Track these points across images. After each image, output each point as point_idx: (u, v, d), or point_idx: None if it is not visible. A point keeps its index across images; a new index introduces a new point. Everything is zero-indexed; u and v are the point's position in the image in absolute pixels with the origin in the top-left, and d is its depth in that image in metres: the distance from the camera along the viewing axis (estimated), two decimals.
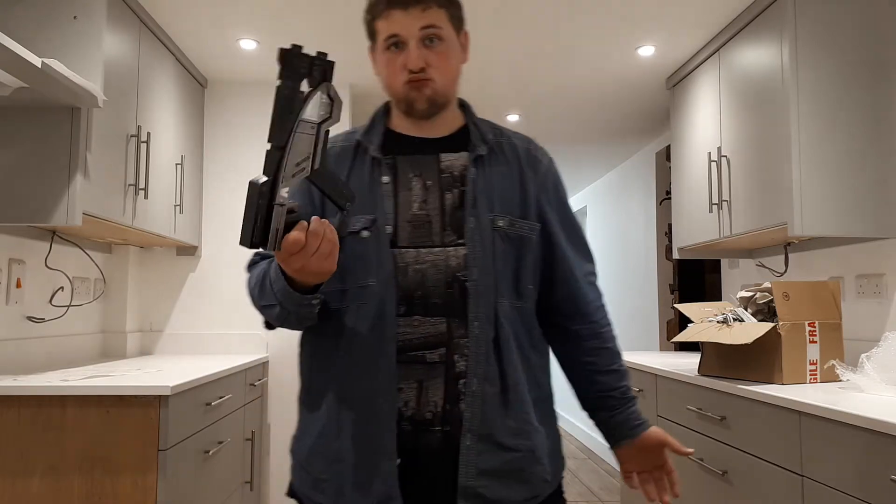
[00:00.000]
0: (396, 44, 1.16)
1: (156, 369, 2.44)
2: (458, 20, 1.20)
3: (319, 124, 0.95)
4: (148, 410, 1.99)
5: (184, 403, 2.14)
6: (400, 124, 1.24)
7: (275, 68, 3.20)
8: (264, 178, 0.91)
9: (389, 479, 1.08)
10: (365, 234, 1.14)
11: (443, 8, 1.16)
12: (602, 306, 1.30)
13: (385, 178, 1.17)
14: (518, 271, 1.19)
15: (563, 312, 1.27)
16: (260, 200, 0.90)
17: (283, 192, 0.92)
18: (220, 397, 2.52)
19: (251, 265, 1.27)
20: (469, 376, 1.11)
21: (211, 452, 2.39)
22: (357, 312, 1.13)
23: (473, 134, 1.23)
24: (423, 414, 1.11)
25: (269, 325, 1.23)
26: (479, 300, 1.13)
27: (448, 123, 1.24)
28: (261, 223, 0.91)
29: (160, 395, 2.00)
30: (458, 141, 1.22)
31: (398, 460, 1.09)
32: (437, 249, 1.14)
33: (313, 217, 0.97)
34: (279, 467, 3.26)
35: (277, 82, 0.95)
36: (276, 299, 1.09)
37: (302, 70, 0.96)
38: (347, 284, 1.15)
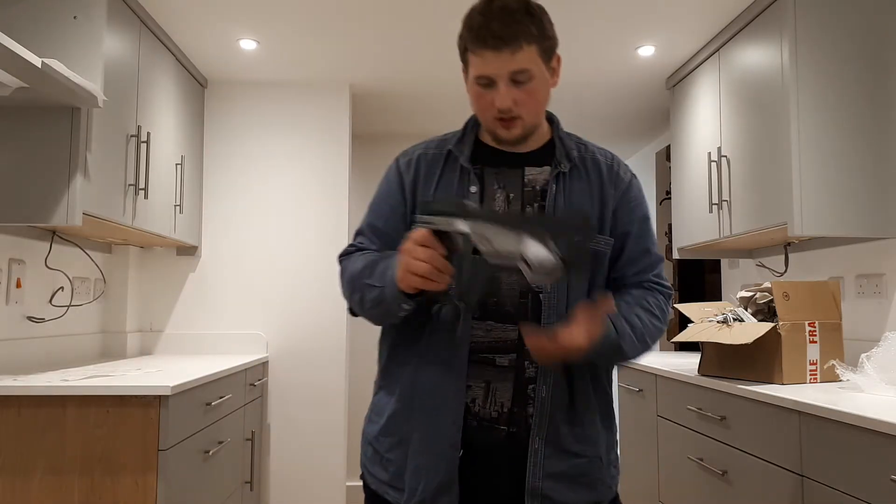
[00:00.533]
0: (486, 84, 1.19)
1: (156, 369, 2.44)
2: (549, 51, 1.22)
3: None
4: (148, 410, 1.99)
5: (184, 403, 2.14)
6: (489, 137, 1.30)
7: (275, 68, 3.20)
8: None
9: (451, 467, 1.17)
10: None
11: (533, 44, 1.17)
12: (662, 293, 1.31)
13: (473, 188, 1.24)
14: (591, 284, 1.24)
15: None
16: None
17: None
18: (220, 397, 2.52)
19: (344, 256, 1.33)
20: (539, 383, 1.19)
21: (211, 452, 2.39)
22: (438, 312, 1.21)
23: (558, 150, 1.28)
24: (489, 412, 1.20)
25: (353, 313, 1.30)
26: (552, 311, 1.19)
27: (535, 139, 1.29)
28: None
29: (160, 395, 2.00)
30: (543, 155, 1.28)
31: (461, 451, 1.17)
32: None
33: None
34: (279, 467, 3.26)
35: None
36: (383, 283, 1.16)
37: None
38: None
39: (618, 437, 1.32)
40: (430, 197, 1.26)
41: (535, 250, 0.95)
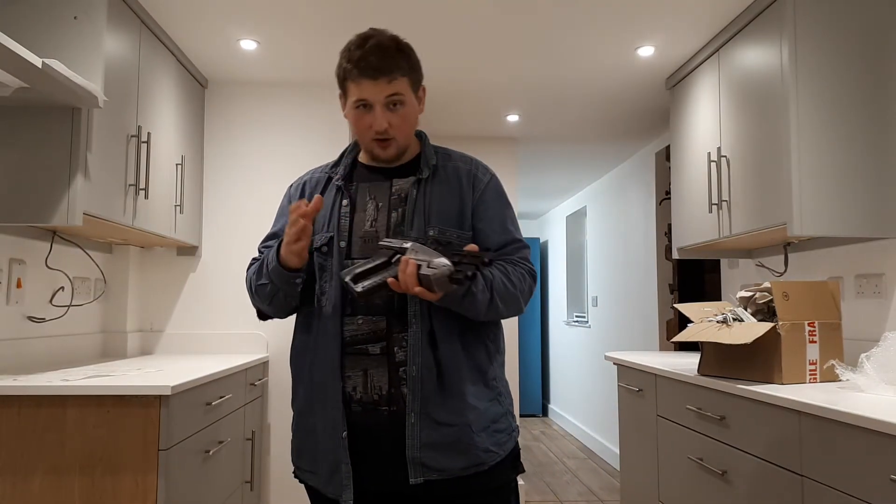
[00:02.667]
0: (364, 105, 1.39)
1: (156, 369, 2.44)
2: (417, 83, 1.44)
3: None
4: (148, 410, 2.00)
5: (184, 403, 2.14)
6: (365, 157, 1.51)
7: (275, 68, 3.20)
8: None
9: (337, 449, 1.36)
10: (324, 249, 1.42)
11: (406, 76, 1.40)
12: (523, 268, 1.45)
13: (345, 202, 1.45)
14: None
15: None
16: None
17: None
18: (221, 397, 2.52)
19: (250, 266, 1.54)
20: (409, 364, 1.35)
21: (211, 452, 2.39)
22: (319, 313, 1.41)
23: (421, 160, 1.48)
24: (371, 396, 1.36)
25: (262, 316, 1.52)
26: (413, 300, 1.36)
27: (406, 155, 1.49)
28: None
29: (160, 395, 2.00)
30: (410, 168, 1.48)
31: (344, 433, 1.35)
32: None
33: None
34: (279, 467, 3.26)
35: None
36: (269, 278, 1.40)
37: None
38: (314, 290, 1.43)
39: (510, 409, 1.46)
40: (321, 218, 1.48)
41: (441, 260, 1.22)
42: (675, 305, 2.43)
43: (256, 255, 1.55)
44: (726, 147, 2.69)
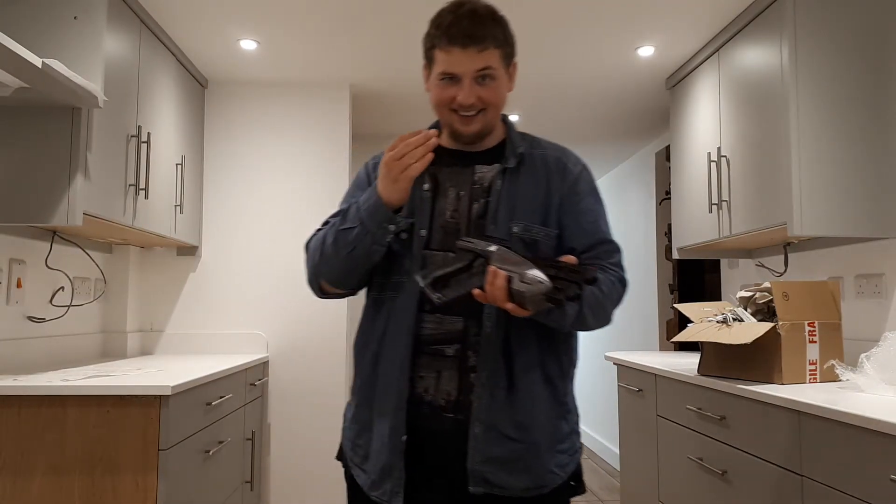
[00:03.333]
0: (451, 78, 1.27)
1: (156, 369, 2.44)
2: (509, 57, 1.32)
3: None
4: (148, 410, 2.00)
5: (184, 403, 2.14)
6: (446, 139, 1.38)
7: (275, 68, 3.20)
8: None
9: (394, 451, 1.25)
10: (403, 235, 1.29)
11: (498, 48, 1.27)
12: (616, 277, 1.33)
13: (426, 186, 1.32)
14: None
15: None
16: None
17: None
18: (221, 397, 2.52)
19: (312, 236, 1.39)
20: (479, 371, 1.25)
21: (211, 452, 2.39)
22: (392, 304, 1.29)
23: (507, 148, 1.35)
24: (439, 401, 1.26)
25: (323, 290, 1.37)
26: (492, 305, 1.23)
27: (490, 139, 1.36)
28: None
29: (160, 395, 2.00)
30: (494, 154, 1.35)
31: (404, 437, 1.24)
32: None
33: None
34: (279, 467, 3.26)
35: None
36: (360, 218, 1.24)
37: None
38: (388, 278, 1.31)
39: (576, 428, 1.34)
40: None
41: (534, 273, 1.09)
42: (675, 305, 2.43)
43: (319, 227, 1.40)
44: (726, 147, 2.69)
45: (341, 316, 3.31)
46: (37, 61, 1.77)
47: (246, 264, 3.31)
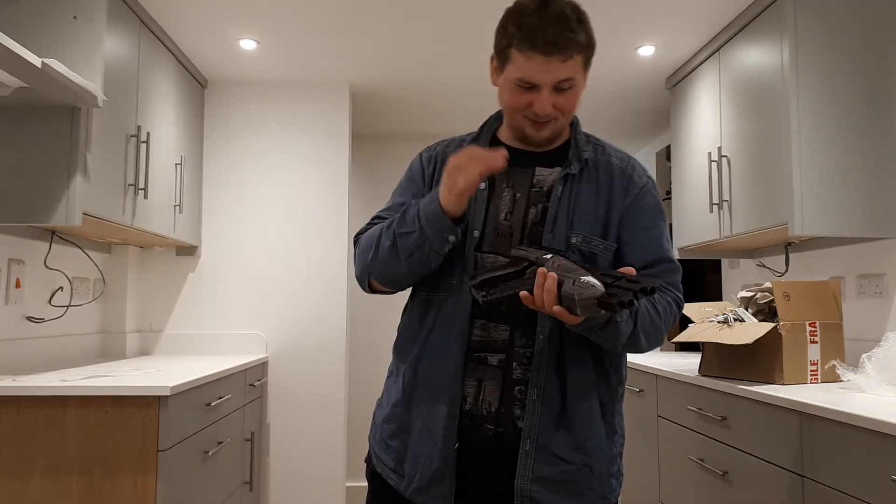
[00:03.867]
0: (529, 87, 1.19)
1: (155, 369, 2.44)
2: (590, 59, 1.23)
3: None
4: (147, 411, 1.99)
5: (183, 404, 2.13)
6: (507, 135, 1.31)
7: (275, 68, 3.20)
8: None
9: (446, 458, 1.19)
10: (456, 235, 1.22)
11: (581, 54, 1.18)
12: (672, 297, 1.26)
13: (482, 186, 1.24)
14: None
15: None
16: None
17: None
18: (220, 397, 2.52)
19: (363, 232, 1.33)
20: (530, 386, 1.19)
21: (210, 453, 2.38)
22: (441, 305, 1.24)
23: (572, 151, 1.27)
24: (480, 410, 1.21)
25: (371, 286, 1.30)
26: (546, 316, 1.15)
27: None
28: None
29: (159, 396, 1.99)
30: (557, 156, 1.27)
31: (457, 445, 1.19)
32: None
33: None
34: (279, 467, 3.26)
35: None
36: (418, 224, 1.17)
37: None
38: (440, 279, 1.25)
39: (622, 451, 1.28)
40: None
41: (588, 279, 1.02)
42: None
43: (369, 223, 1.34)
44: (727, 147, 2.69)
45: (341, 316, 3.31)
46: (36, 61, 1.77)
47: (245, 264, 3.30)
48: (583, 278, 1.02)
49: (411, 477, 1.22)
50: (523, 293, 1.07)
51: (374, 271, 1.26)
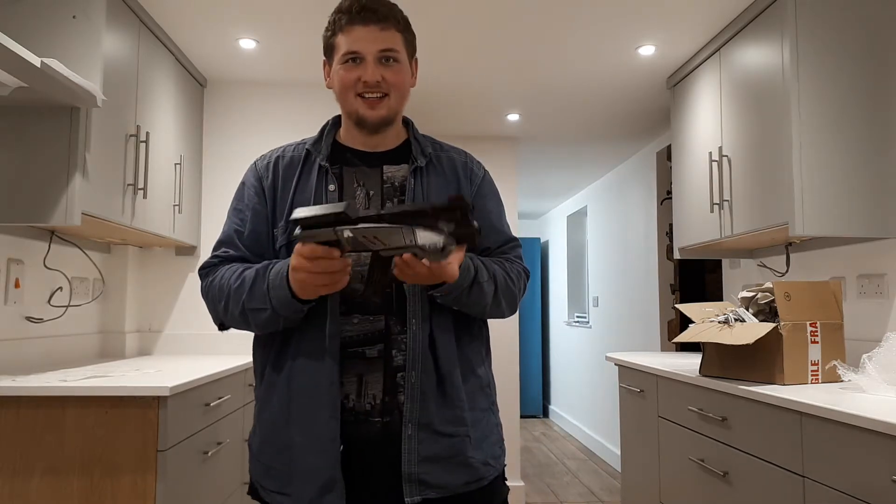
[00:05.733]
0: (354, 59, 1.26)
1: (155, 370, 2.43)
2: (411, 46, 1.33)
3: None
4: (147, 411, 1.99)
5: (183, 404, 2.13)
6: (348, 138, 1.35)
7: (275, 68, 3.20)
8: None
9: (333, 464, 1.18)
10: None
11: (399, 32, 1.28)
12: (520, 270, 1.37)
13: (332, 187, 1.28)
14: None
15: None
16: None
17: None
18: (219, 398, 2.51)
19: (207, 268, 1.34)
20: (408, 370, 1.22)
21: (210, 453, 2.38)
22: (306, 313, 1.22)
23: (414, 148, 1.35)
24: (364, 406, 1.22)
25: (223, 326, 1.34)
26: (415, 299, 1.23)
27: (392, 138, 1.35)
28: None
29: (159, 396, 1.99)
30: (400, 154, 1.34)
31: (341, 447, 1.19)
32: None
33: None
34: None
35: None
36: (270, 305, 1.18)
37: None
38: None
39: (499, 419, 1.36)
40: (300, 204, 1.26)
41: (426, 236, 0.97)
42: (677, 306, 2.43)
43: (213, 254, 1.34)
44: (728, 146, 2.68)
45: None
46: (35, 61, 1.77)
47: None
48: (419, 232, 0.97)
49: (300, 492, 1.20)
50: (398, 259, 1.07)
51: (229, 324, 1.31)
